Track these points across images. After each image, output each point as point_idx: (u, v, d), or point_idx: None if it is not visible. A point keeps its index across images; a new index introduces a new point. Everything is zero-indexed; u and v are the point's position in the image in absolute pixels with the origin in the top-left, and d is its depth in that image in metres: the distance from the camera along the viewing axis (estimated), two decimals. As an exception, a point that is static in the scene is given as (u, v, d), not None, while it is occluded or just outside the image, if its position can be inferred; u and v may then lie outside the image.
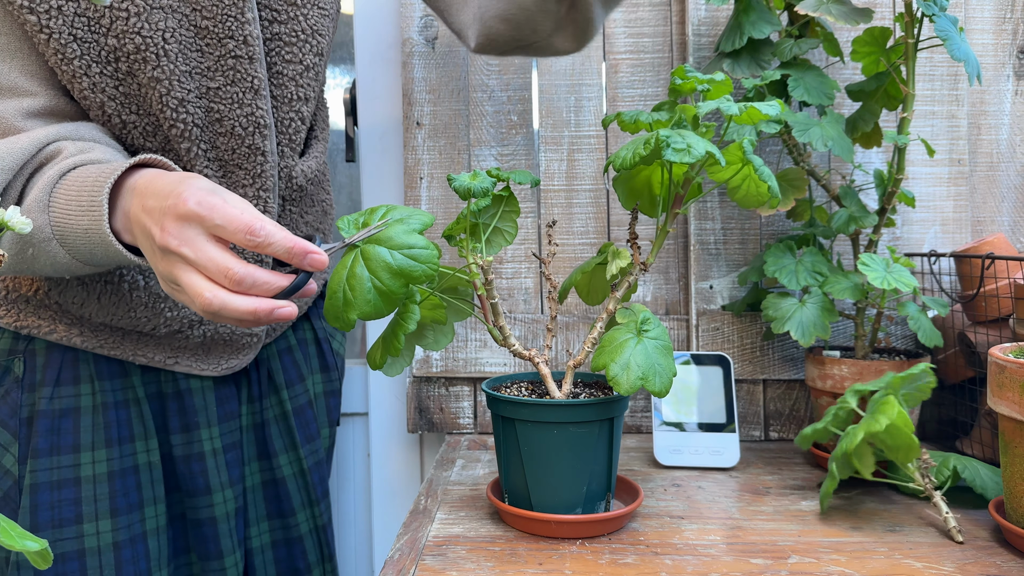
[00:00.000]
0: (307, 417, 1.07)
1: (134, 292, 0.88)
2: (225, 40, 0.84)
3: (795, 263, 1.05)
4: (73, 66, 0.80)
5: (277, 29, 0.89)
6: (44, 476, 0.87)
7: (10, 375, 0.89)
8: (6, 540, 0.44)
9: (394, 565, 0.78)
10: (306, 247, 0.67)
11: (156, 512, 0.92)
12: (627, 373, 0.76)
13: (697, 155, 0.72)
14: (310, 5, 0.91)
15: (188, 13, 0.83)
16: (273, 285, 0.66)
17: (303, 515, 1.05)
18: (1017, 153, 1.23)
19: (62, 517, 0.87)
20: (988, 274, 1.01)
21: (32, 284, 0.88)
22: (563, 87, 1.28)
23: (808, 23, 1.10)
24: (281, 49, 0.90)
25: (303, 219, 1.02)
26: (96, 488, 0.88)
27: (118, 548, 0.88)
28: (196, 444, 0.95)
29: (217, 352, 0.96)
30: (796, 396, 1.23)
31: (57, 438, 0.87)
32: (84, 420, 0.89)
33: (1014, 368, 0.77)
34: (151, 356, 0.92)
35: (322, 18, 0.93)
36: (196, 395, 0.95)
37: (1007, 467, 0.80)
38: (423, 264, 0.72)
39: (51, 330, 0.89)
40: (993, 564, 0.75)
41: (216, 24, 0.83)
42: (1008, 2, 1.22)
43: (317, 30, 0.92)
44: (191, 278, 0.66)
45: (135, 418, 0.92)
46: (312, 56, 0.93)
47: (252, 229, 0.65)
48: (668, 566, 0.76)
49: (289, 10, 0.90)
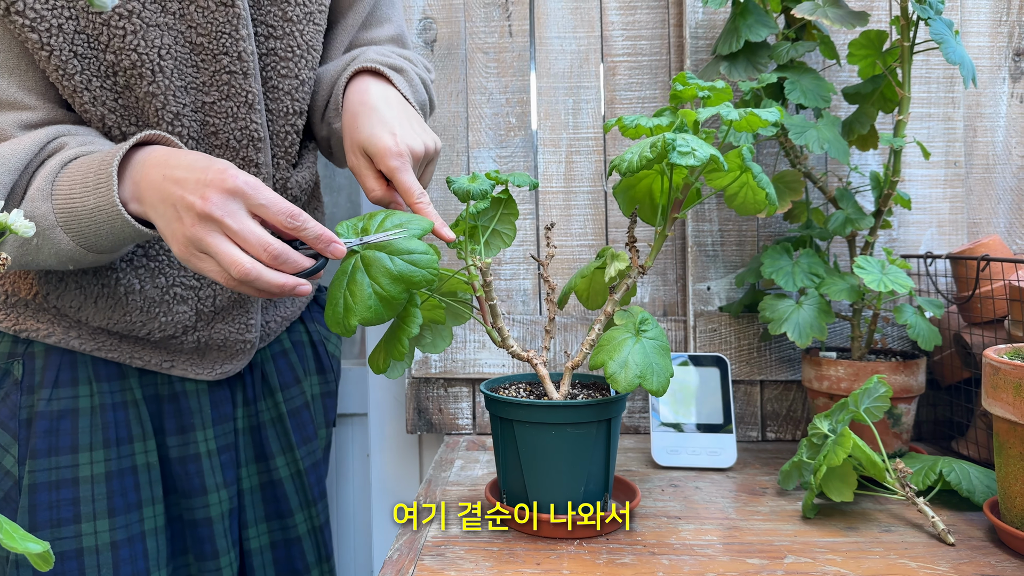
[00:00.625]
0: (303, 419, 1.08)
1: (130, 296, 0.89)
2: (220, 56, 0.86)
3: (792, 265, 1.05)
4: (74, 81, 0.82)
5: (273, 45, 0.91)
6: (43, 476, 0.87)
7: (9, 377, 0.90)
8: (8, 542, 0.44)
9: (393, 565, 0.78)
10: (331, 236, 0.73)
11: (154, 512, 0.93)
12: (625, 371, 0.76)
13: (702, 158, 0.73)
14: (305, 21, 0.93)
15: (184, 31, 0.84)
16: (300, 264, 0.72)
17: (301, 516, 1.06)
18: (1013, 155, 1.24)
19: (60, 517, 0.87)
20: (983, 276, 1.02)
21: (31, 288, 0.89)
22: (561, 89, 1.28)
23: (805, 26, 1.11)
24: (277, 64, 0.92)
25: None
26: (94, 488, 0.89)
27: (116, 547, 0.89)
28: (192, 445, 0.96)
29: (212, 357, 0.97)
30: (793, 397, 1.23)
31: (55, 439, 0.88)
32: (82, 421, 0.90)
33: (1008, 369, 0.77)
34: (147, 359, 0.93)
35: (316, 34, 0.94)
36: (191, 398, 0.96)
37: (1001, 468, 0.81)
38: (423, 269, 0.72)
39: (49, 333, 0.90)
40: (987, 564, 0.76)
41: (211, 41, 0.85)
42: (1004, 5, 1.23)
43: (312, 45, 0.94)
44: (228, 247, 0.70)
45: (133, 419, 0.93)
46: (307, 71, 0.94)
47: (293, 213, 0.71)
48: (665, 566, 0.76)
49: (285, 26, 0.91)
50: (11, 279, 0.89)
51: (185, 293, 0.92)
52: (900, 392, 1.01)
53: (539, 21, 1.28)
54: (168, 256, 0.90)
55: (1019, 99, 1.24)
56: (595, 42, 1.28)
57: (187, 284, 0.92)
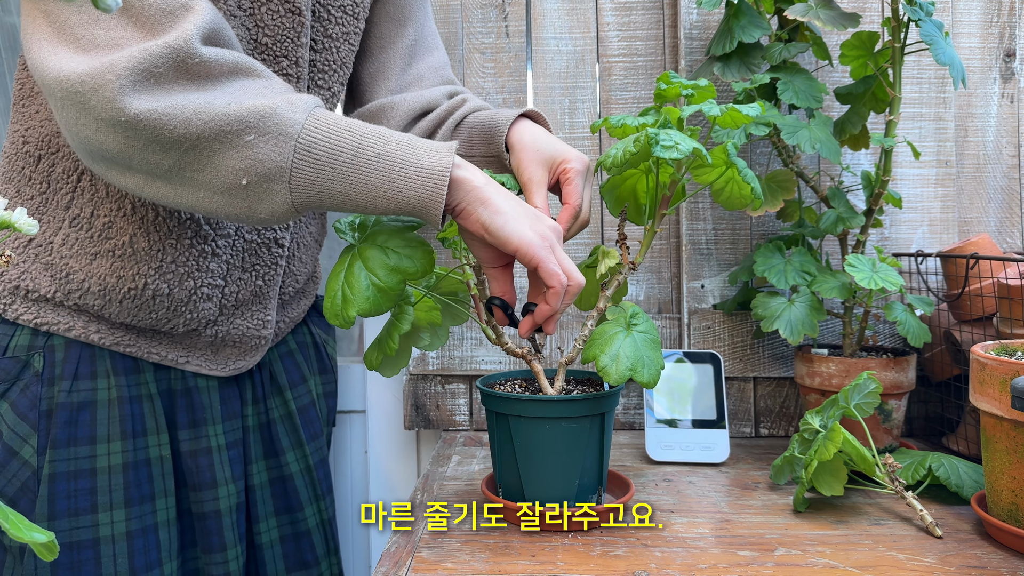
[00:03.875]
0: (311, 416, 1.11)
1: (157, 298, 0.90)
2: (280, 58, 0.90)
3: (784, 263, 1.07)
4: None
5: (314, 57, 0.96)
6: (62, 467, 0.89)
7: (30, 370, 0.91)
8: (15, 532, 0.45)
9: (391, 557, 0.80)
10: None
11: (167, 505, 0.95)
12: (616, 364, 0.78)
13: (685, 151, 0.74)
14: (342, 40, 0.98)
15: (251, 27, 0.87)
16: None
17: (311, 509, 1.08)
18: (1004, 155, 1.25)
19: (78, 506, 0.89)
20: (972, 274, 1.03)
21: (51, 286, 0.91)
22: (557, 90, 1.30)
23: (797, 27, 1.13)
24: (315, 76, 0.96)
25: (307, 230, 1.06)
26: (111, 479, 0.91)
27: (131, 537, 0.91)
28: (203, 439, 0.98)
29: (226, 353, 0.99)
30: (786, 393, 1.25)
31: (75, 430, 0.90)
32: (100, 413, 0.91)
33: (994, 365, 0.79)
34: (164, 354, 0.95)
35: (350, 52, 1.01)
36: (203, 393, 0.98)
37: (988, 462, 0.82)
38: (418, 261, 0.74)
39: (70, 327, 0.91)
40: (974, 556, 0.77)
41: (275, 43, 0.89)
42: (995, 6, 1.24)
43: (345, 63, 1.00)
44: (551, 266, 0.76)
45: (148, 413, 0.94)
46: (338, 84, 1.01)
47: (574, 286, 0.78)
48: (657, 558, 0.78)
49: (326, 42, 0.96)
50: (32, 275, 0.91)
51: (211, 292, 0.93)
52: (890, 388, 1.02)
53: (536, 22, 1.30)
54: (197, 261, 0.91)
55: (1010, 99, 1.25)
56: (591, 43, 1.29)
57: (214, 284, 0.93)
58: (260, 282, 0.97)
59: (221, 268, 0.93)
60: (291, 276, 1.04)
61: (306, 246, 1.06)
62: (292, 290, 1.06)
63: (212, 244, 0.92)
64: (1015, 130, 1.25)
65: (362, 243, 0.78)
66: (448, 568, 0.76)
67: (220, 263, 0.93)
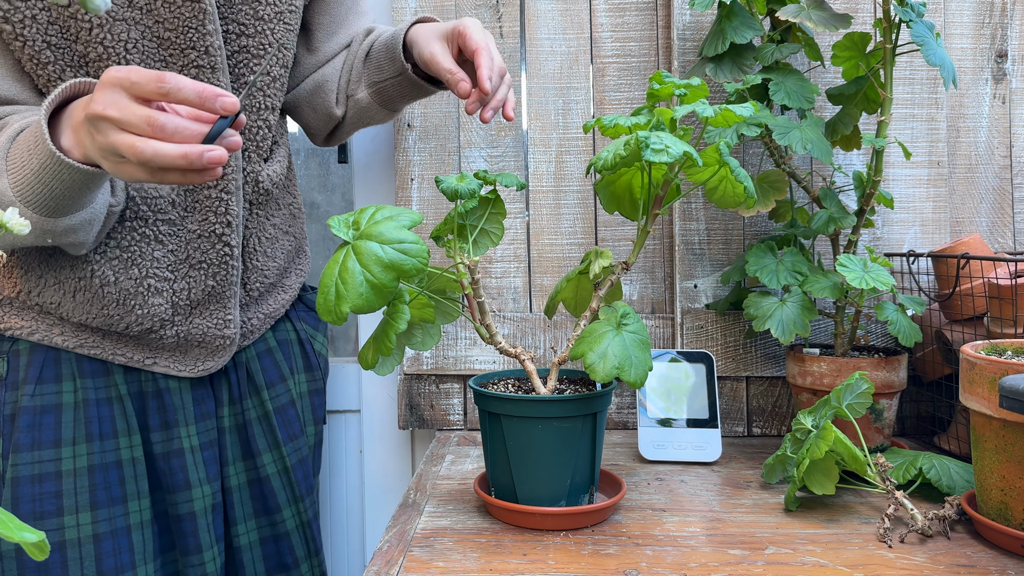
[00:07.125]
0: (289, 416, 1.10)
1: (105, 288, 0.91)
2: (187, 51, 0.89)
3: (776, 263, 1.07)
4: (48, 70, 0.85)
5: (244, 42, 0.95)
6: (25, 470, 0.89)
7: None
8: (5, 532, 0.45)
9: (383, 556, 0.80)
10: (216, 91, 0.69)
11: (140, 507, 0.95)
12: (604, 362, 0.78)
13: (675, 155, 0.75)
14: (275, 20, 0.97)
15: (151, 25, 0.87)
16: (195, 130, 0.69)
17: (289, 512, 1.08)
18: (995, 155, 1.26)
19: (43, 510, 0.89)
20: (963, 274, 1.03)
21: (15, 286, 0.91)
22: (551, 90, 1.30)
23: (790, 28, 1.13)
24: (249, 61, 0.96)
25: (269, 221, 1.06)
26: (76, 481, 0.91)
27: (98, 540, 0.90)
28: (176, 441, 0.98)
29: (193, 354, 0.99)
30: (778, 393, 1.25)
31: (39, 433, 0.90)
32: (66, 416, 0.91)
33: (984, 364, 0.79)
34: (130, 356, 0.95)
35: (287, 32, 0.99)
36: (174, 394, 0.98)
37: (978, 461, 0.82)
38: (413, 258, 0.74)
39: (33, 330, 0.92)
40: (963, 555, 0.78)
41: (178, 36, 0.88)
42: (987, 8, 1.25)
43: (283, 44, 0.99)
44: (122, 137, 0.68)
45: (118, 415, 0.94)
46: (279, 68, 1.00)
47: (162, 78, 0.67)
48: (648, 556, 0.78)
49: (256, 24, 0.95)
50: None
51: (159, 285, 0.93)
52: (882, 388, 1.03)
53: (530, 23, 1.30)
54: (139, 246, 0.92)
55: (1001, 100, 1.26)
56: (585, 43, 1.29)
57: (160, 276, 0.94)
58: (212, 282, 0.97)
59: (167, 258, 0.94)
60: (256, 272, 1.04)
61: (269, 239, 1.06)
62: (260, 286, 1.05)
63: (154, 228, 0.92)
64: (1007, 131, 1.26)
65: (357, 239, 0.78)
66: (440, 567, 0.77)
67: (165, 252, 0.93)
